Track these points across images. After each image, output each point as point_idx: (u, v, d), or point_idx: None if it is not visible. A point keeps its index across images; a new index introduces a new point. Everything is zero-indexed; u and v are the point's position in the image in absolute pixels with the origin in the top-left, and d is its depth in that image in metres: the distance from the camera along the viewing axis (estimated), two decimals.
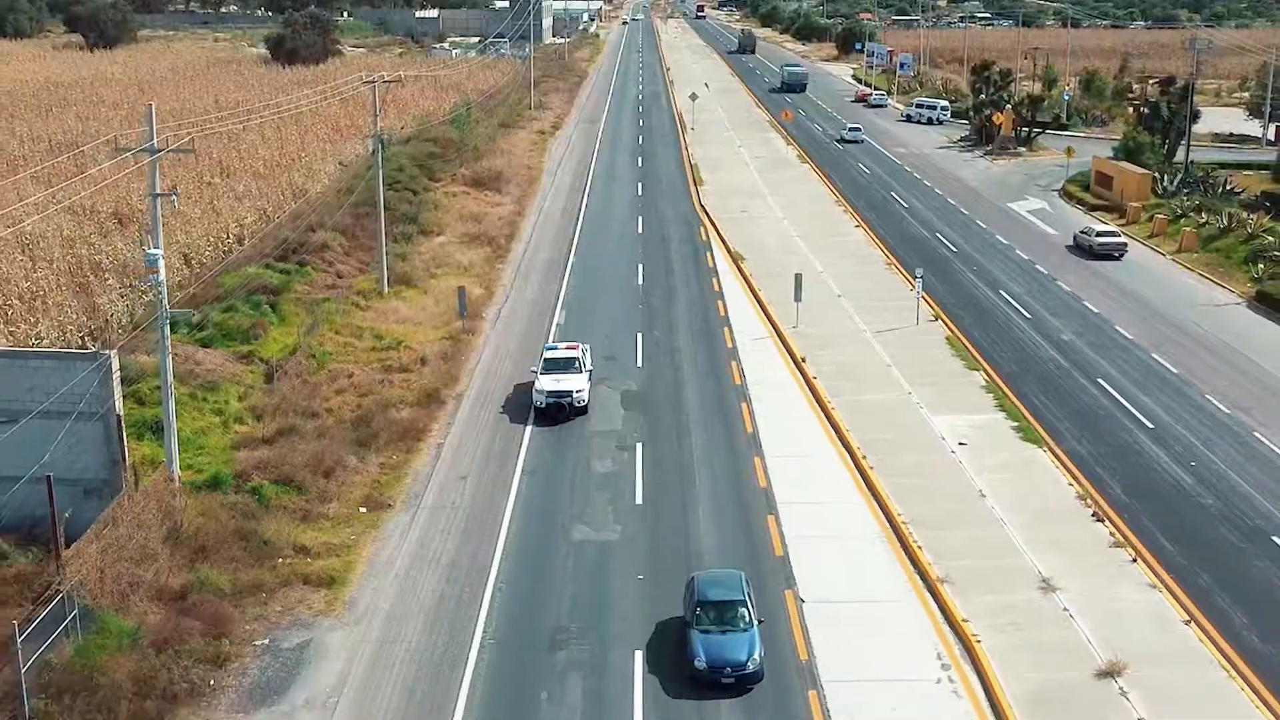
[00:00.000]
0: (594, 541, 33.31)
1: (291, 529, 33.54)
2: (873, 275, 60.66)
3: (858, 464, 37.68)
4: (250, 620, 29.23)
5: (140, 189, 64.94)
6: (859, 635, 28.42)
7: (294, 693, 26.61)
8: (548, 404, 41.97)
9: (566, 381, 42.27)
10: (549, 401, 41.91)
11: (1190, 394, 44.00)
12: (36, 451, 31.00)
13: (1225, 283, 59.21)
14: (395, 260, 60.28)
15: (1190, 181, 77.90)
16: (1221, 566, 31.39)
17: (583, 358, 44.01)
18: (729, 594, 27.67)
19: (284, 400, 42.35)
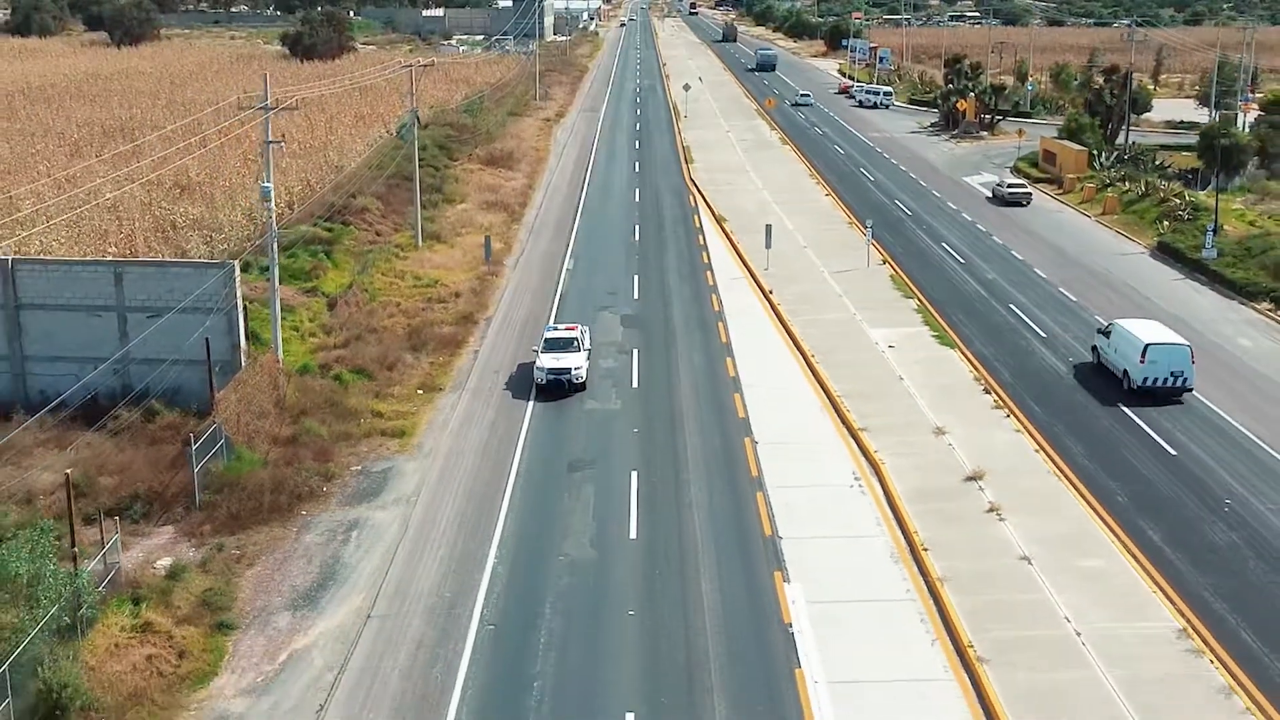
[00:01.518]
0: (601, 410, 43.43)
1: (368, 401, 43.72)
2: (835, 231, 70.85)
3: (807, 360, 47.86)
4: (345, 455, 39.35)
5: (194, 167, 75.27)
6: (796, 461, 38.55)
7: (385, 495, 36.75)
8: (548, 380, 44.24)
9: (565, 359, 44.64)
10: (549, 378, 44.22)
11: (1082, 315, 54.20)
12: (177, 339, 41.13)
13: (1135, 237, 69.48)
14: (425, 221, 70.35)
15: (1124, 158, 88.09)
16: (1078, 423, 41.50)
17: (581, 338, 46.39)
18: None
19: (348, 319, 52.57)
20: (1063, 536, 33.03)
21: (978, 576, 30.85)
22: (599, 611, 29.85)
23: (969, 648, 27.58)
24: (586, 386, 44.81)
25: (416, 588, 31.24)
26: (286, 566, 32.49)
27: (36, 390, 42.10)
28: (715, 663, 27.56)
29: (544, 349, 45.59)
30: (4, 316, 42.50)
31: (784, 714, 25.69)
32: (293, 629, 29.48)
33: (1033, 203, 79.63)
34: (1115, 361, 45.30)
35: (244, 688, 27.21)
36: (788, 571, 31.55)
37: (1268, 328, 52.95)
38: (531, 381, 45.09)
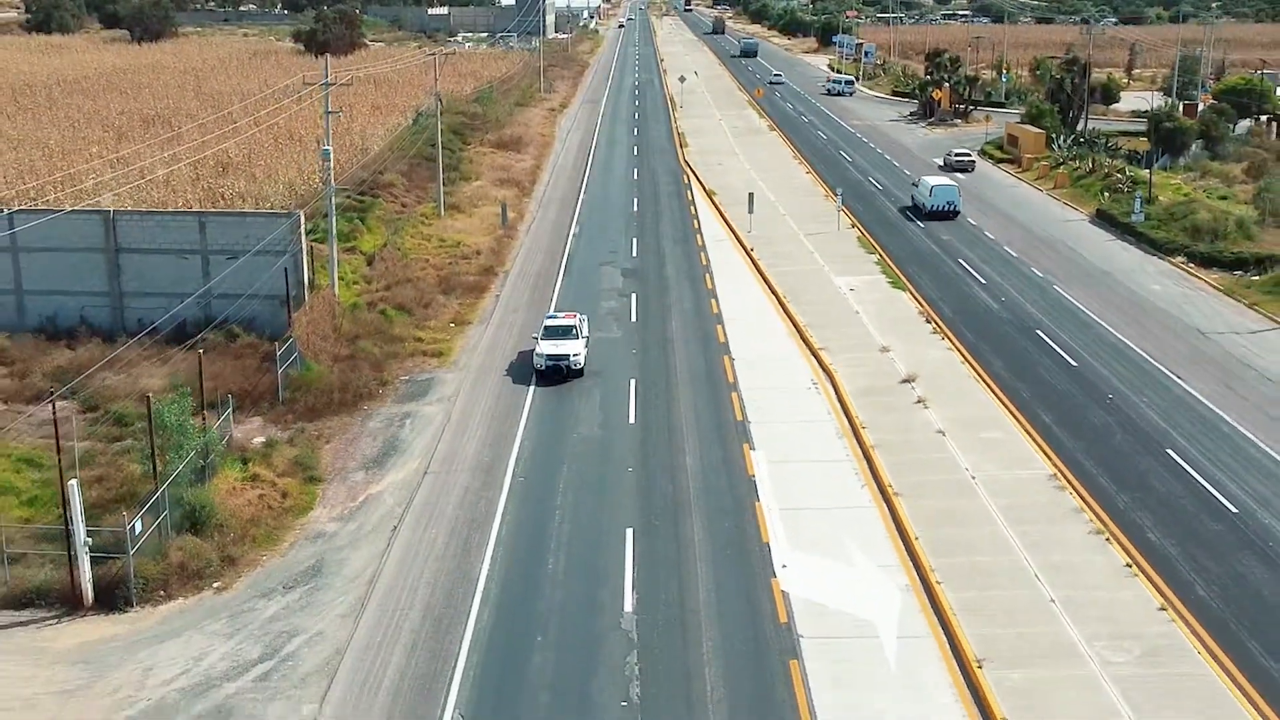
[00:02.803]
0: (606, 338, 51.79)
1: (410, 330, 52.16)
2: (812, 203, 79.31)
3: (779, 300, 56.29)
4: (395, 369, 47.76)
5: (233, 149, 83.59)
6: (765, 372, 46.95)
7: (430, 396, 45.17)
8: (547, 366, 45.69)
9: (564, 346, 46.10)
10: (548, 364, 45.68)
11: (1020, 268, 62.67)
12: (252, 277, 49.49)
13: (1079, 207, 77.99)
14: (445, 194, 78.75)
15: (1080, 141, 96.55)
16: (1000, 344, 49.93)
17: (579, 326, 47.76)
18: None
19: (386, 271, 60.99)
20: (972, 418, 41.51)
21: (902, 444, 39.30)
22: (604, 468, 38.29)
23: (889, 486, 36.04)
24: (584, 373, 46.43)
25: (461, 456, 39.67)
26: (356, 443, 40.94)
27: (134, 320, 50.38)
28: (694, 499, 35.99)
29: (543, 335, 46.94)
30: (106, 259, 50.87)
31: (744, 528, 34.12)
32: (367, 481, 37.93)
33: (994, 179, 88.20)
34: (918, 199, 75.70)
35: (334, 517, 35.65)
36: (754, 443, 40.00)
37: (1178, 277, 61.43)
38: (551, 297, 53.24)
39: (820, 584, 30.82)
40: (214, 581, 31.76)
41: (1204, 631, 28.39)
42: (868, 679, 26.82)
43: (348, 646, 28.55)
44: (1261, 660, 27.32)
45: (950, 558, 31.77)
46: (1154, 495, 35.80)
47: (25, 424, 40.84)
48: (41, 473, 37.63)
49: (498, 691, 26.68)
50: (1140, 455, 38.75)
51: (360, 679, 27.29)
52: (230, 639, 29.03)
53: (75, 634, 29.41)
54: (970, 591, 30.06)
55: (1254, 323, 53.46)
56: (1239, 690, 26.15)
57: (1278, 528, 33.65)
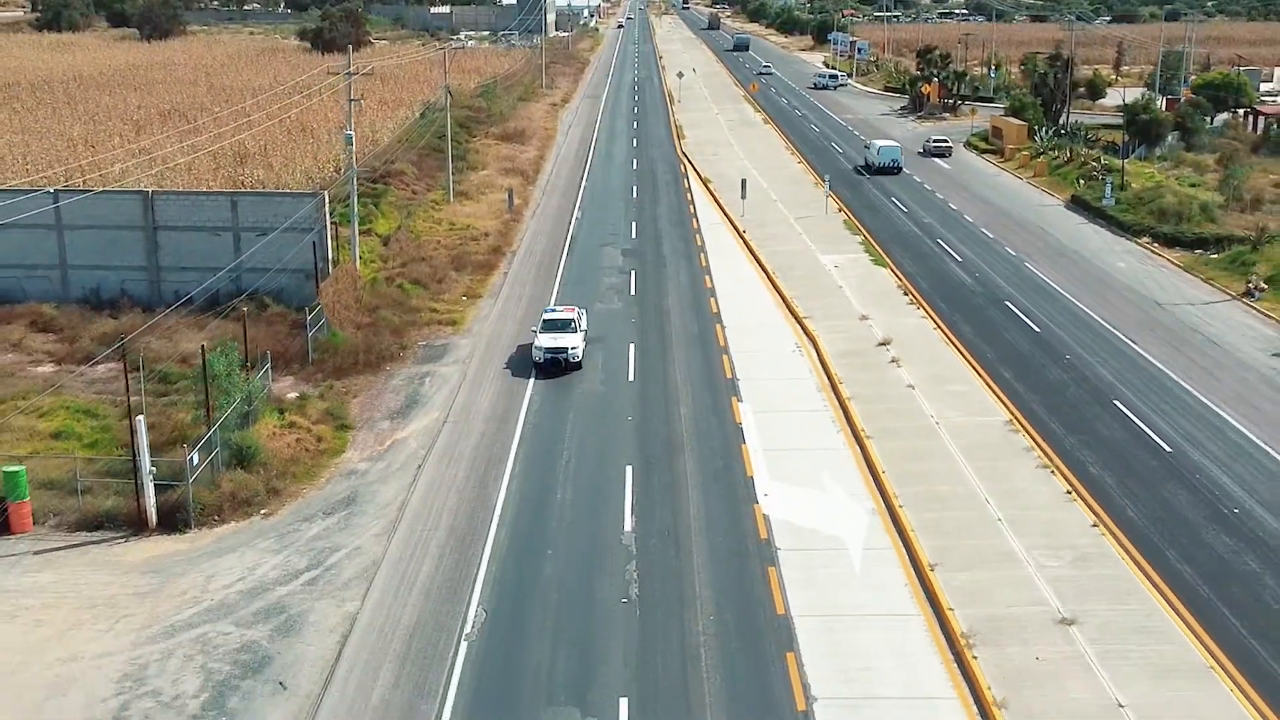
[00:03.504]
0: (607, 309, 55.92)
1: (425, 302, 56.33)
2: (803, 190, 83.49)
3: (769, 276, 60.44)
4: (413, 335, 51.90)
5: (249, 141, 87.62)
6: (753, 337, 51.10)
7: (446, 358, 49.31)
8: (545, 359, 46.35)
9: (562, 340, 46.74)
10: (546, 357, 46.34)
11: (995, 248, 66.86)
12: (280, 253, 53.60)
13: (1055, 193, 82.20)
14: (453, 182, 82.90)
15: (1061, 133, 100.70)
16: (971, 313, 54.08)
17: (577, 320, 48.41)
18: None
19: (401, 251, 65.15)
20: (940, 375, 45.69)
21: (875, 396, 43.46)
22: (607, 417, 42.45)
23: (861, 431, 40.19)
24: (582, 365, 47.17)
25: (476, 408, 43.82)
26: (381, 397, 45.10)
27: (170, 292, 54.46)
28: (687, 442, 40.13)
29: (542, 329, 47.60)
30: (144, 236, 54.98)
31: (731, 465, 38.27)
32: (392, 429, 42.08)
33: (977, 169, 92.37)
34: (869, 158, 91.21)
35: (364, 458, 39.79)
36: (741, 396, 44.17)
37: (1143, 255, 65.62)
38: (556, 274, 57.36)
39: (797, 508, 34.98)
40: (261, 509, 35.91)
41: (1129, 543, 32.55)
42: (835, 581, 30.96)
43: (383, 558, 32.71)
44: (1176, 565, 31.47)
45: (912, 487, 35.93)
46: (1098, 437, 39.98)
47: (79, 382, 45.01)
48: (99, 421, 41.79)
49: (515, 592, 30.82)
50: (1090, 405, 42.93)
51: (395, 583, 31.44)
52: (279, 553, 33.17)
53: (143, 550, 33.56)
54: (928, 513, 34.22)
55: (1207, 295, 57.67)
56: (1153, 587, 30.30)
57: (1205, 463, 37.83)
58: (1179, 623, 28.69)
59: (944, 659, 27.39)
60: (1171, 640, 27.98)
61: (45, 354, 49.13)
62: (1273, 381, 45.64)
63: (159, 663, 27.93)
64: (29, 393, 43.21)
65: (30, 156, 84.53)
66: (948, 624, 28.59)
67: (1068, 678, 26.40)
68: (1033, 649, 27.46)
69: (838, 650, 27.75)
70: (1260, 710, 25.26)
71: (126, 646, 28.65)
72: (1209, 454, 38.61)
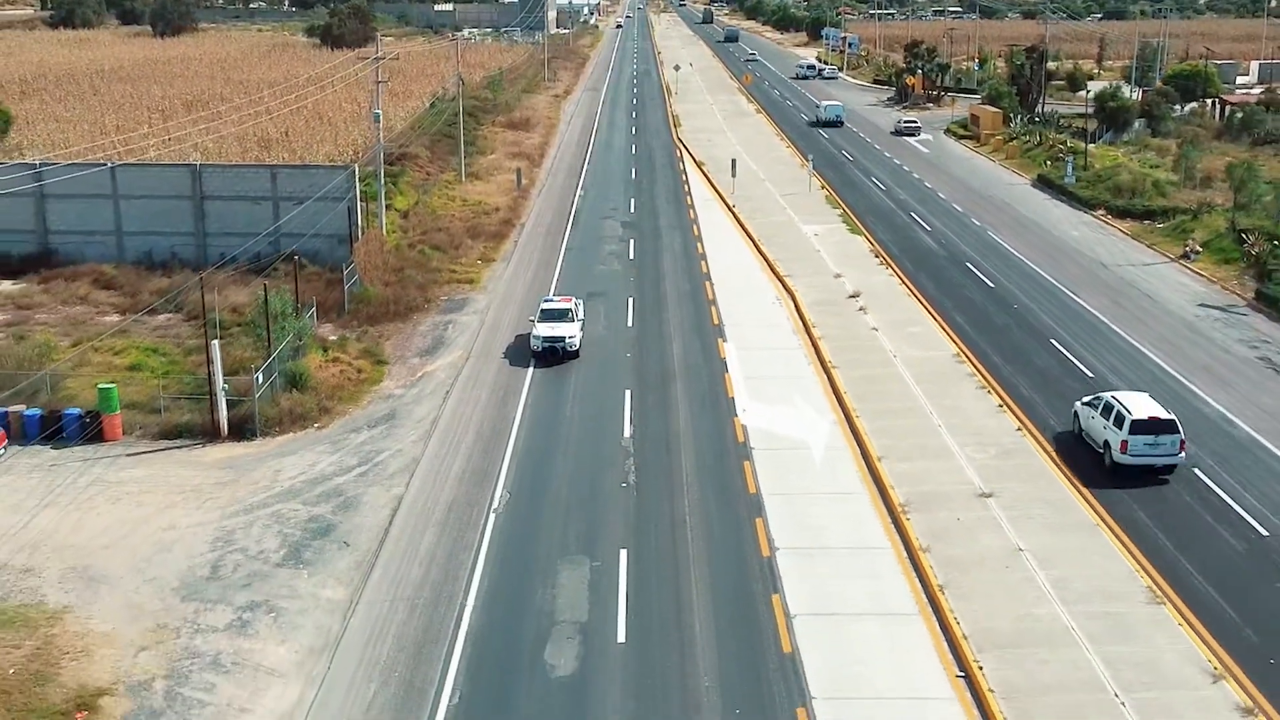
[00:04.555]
0: (608, 270, 62.22)
1: (445, 263, 62.63)
2: (790, 171, 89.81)
3: (754, 243, 66.73)
4: (435, 290, 58.17)
5: (270, 127, 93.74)
6: (739, 293, 57.38)
7: (466, 310, 55.60)
8: (543, 348, 46.86)
9: (560, 329, 47.29)
10: (544, 346, 46.86)
11: (963, 219, 73.19)
12: (314, 219, 59.86)
13: (1024, 173, 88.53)
14: (465, 165, 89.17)
15: (1035, 120, 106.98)
16: (934, 272, 60.35)
17: (575, 309, 48.89)
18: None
19: (420, 222, 71.44)
20: (900, 320, 52.04)
21: (842, 336, 49.76)
22: (610, 355, 48.73)
23: (828, 362, 46.46)
24: (580, 355, 47.98)
25: (494, 348, 50.09)
26: (410, 340, 51.39)
27: (216, 255, 60.70)
28: (677, 372, 46.41)
29: (540, 318, 48.10)
30: (193, 205, 61.23)
31: (716, 389, 44.55)
32: (422, 364, 48.37)
33: (953, 152, 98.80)
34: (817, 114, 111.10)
35: (399, 385, 46.07)
36: (726, 338, 50.48)
37: (1096, 226, 71.97)
38: (561, 242, 63.57)
39: (770, 420, 41.29)
40: (315, 423, 42.19)
41: (1045, 442, 38.87)
42: (799, 471, 37.26)
43: (421, 456, 39.00)
44: (1086, 461, 37.72)
45: (869, 404, 42.22)
46: (1033, 367, 46.32)
47: (143, 329, 51.26)
48: (166, 358, 48.08)
49: (532, 480, 37.10)
50: (1029, 343, 49.27)
51: (432, 474, 37.73)
52: (333, 455, 39.45)
53: (218, 453, 39.83)
54: (880, 421, 40.53)
55: (1149, 258, 64.04)
56: (1059, 472, 36.61)
57: (1121, 384, 44.11)
58: (1077, 496, 35.01)
59: (883, 522, 33.70)
60: (1069, 508, 34.31)
61: (110, 306, 55.40)
62: (1194, 326, 51.99)
63: (243, 530, 34.21)
64: (102, 335, 49.47)
65: (68, 143, 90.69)
66: (889, 498, 34.89)
67: (981, 532, 32.71)
68: (955, 514, 33.77)
69: (797, 517, 34.05)
70: (1131, 551, 31.55)
71: (215, 519, 34.94)
72: (1125, 379, 44.91)
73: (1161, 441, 35.78)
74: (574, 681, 26.73)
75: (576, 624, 28.97)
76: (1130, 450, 35.84)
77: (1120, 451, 36.05)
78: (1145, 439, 35.71)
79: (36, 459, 38.94)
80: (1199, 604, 29.17)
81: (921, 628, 28.40)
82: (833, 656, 27.21)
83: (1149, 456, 35.91)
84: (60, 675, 27.20)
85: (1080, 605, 28.95)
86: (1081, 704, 25.19)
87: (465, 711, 25.68)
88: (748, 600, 29.83)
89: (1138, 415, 35.91)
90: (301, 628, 29.19)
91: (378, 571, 31.76)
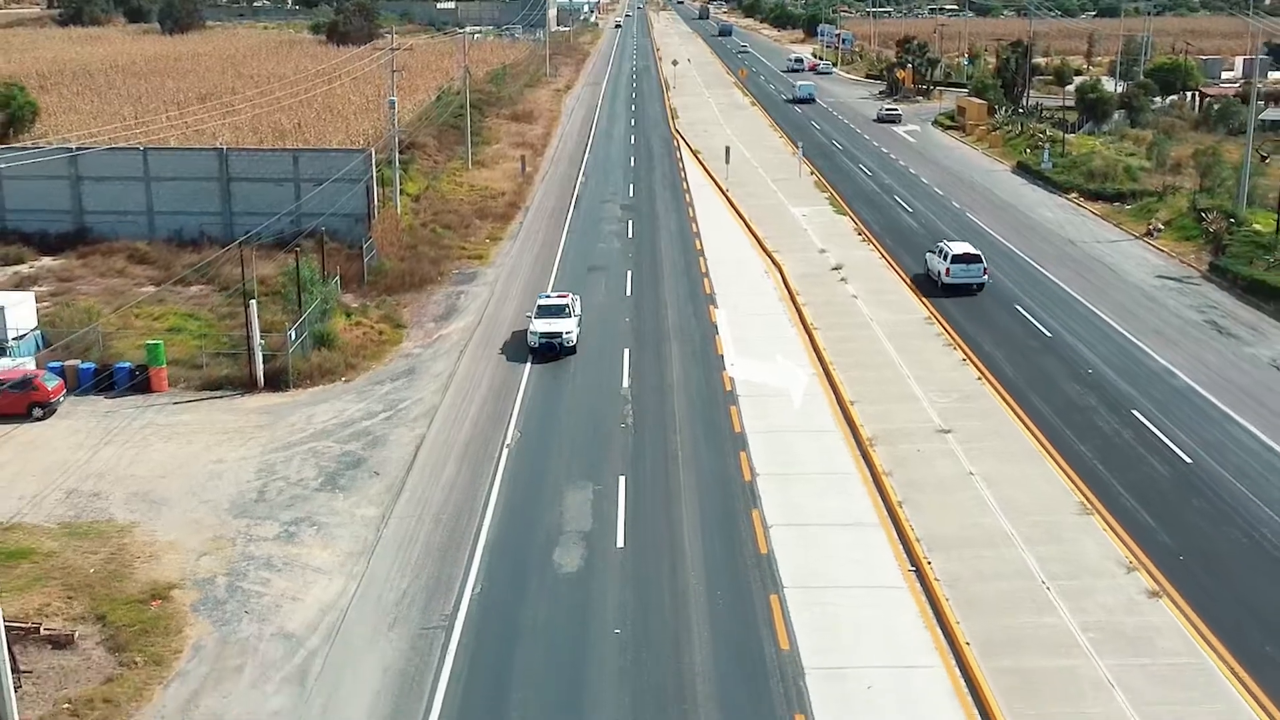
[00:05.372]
0: (608, 248, 66.51)
1: (455, 241, 66.90)
2: (781, 159, 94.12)
3: (746, 223, 71.02)
4: (447, 265, 62.43)
5: (284, 119, 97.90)
6: (729, 266, 61.63)
7: (476, 282, 59.87)
8: (540, 344, 47.02)
9: (557, 325, 47.43)
10: (541, 342, 47.04)
11: (944, 202, 77.49)
12: (333, 200, 64.12)
13: (1004, 161, 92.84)
14: (471, 153, 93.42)
15: (1019, 111, 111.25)
16: (912, 248, 64.58)
17: (571, 305, 49.14)
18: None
19: (431, 204, 75.73)
20: (878, 289, 56.36)
21: (824, 303, 54.05)
22: (609, 320, 52.99)
23: (810, 325, 50.75)
24: (577, 350, 48.01)
25: (503, 315, 54.34)
26: (426, 307, 55.66)
27: (241, 232, 64.62)
28: (672, 334, 50.68)
29: (537, 314, 48.28)
30: (220, 186, 65.49)
31: (706, 347, 48.81)
32: (437, 328, 52.64)
33: (940, 142, 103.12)
34: (794, 92, 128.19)
35: (418, 346, 50.33)
36: (717, 304, 54.75)
37: (1069, 207, 76.28)
38: (564, 223, 67.85)
39: (755, 373, 45.57)
40: (342, 376, 46.44)
41: (1002, 389, 43.17)
42: (780, 414, 41.52)
43: (440, 404, 43.27)
44: (1036, 403, 41.98)
45: (845, 358, 46.52)
46: (996, 327, 50.65)
47: (178, 298, 55.52)
48: (201, 322, 52.35)
49: (540, 421, 41.36)
50: (995, 308, 53.58)
51: (450, 418, 41.99)
52: (360, 403, 43.72)
53: (256, 401, 44.09)
54: (854, 372, 44.82)
55: (1115, 236, 68.36)
56: (1014, 414, 40.89)
57: (1076, 343, 48.42)
58: (1026, 432, 39.32)
59: (853, 453, 38.00)
60: (1018, 439, 38.64)
61: (145, 278, 59.66)
62: (1149, 294, 56.29)
63: (284, 462, 38.49)
64: (142, 303, 53.73)
65: (91, 133, 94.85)
66: (858, 433, 39.18)
67: (938, 460, 37.01)
68: (916, 446, 38.07)
69: (776, 449, 38.35)
70: (1070, 476, 35.85)
71: (257, 454, 39.22)
72: (1080, 337, 49.23)
73: (972, 269, 55.44)
74: (579, 576, 31.01)
75: (581, 533, 33.27)
76: (952, 275, 55.26)
77: (945, 275, 55.48)
78: (961, 266, 55.27)
79: (93, 406, 43.21)
80: (1124, 515, 33.46)
81: (881, 535, 32.67)
82: (802, 556, 31.49)
83: (964, 279, 55.49)
84: (134, 574, 31.49)
85: (1019, 516, 33.24)
86: (1014, 589, 29.46)
87: (486, 599, 29.95)
88: (730, 514, 34.13)
89: (956, 252, 55.82)
90: (341, 538, 33.46)
91: (405, 494, 36.04)
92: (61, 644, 28.12)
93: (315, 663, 27.49)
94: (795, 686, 26.03)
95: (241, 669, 27.30)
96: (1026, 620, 28.12)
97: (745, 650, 27.45)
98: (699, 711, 25.36)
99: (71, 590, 30.52)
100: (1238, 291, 55.85)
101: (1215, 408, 41.65)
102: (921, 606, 28.98)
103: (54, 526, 34.08)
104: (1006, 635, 27.50)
